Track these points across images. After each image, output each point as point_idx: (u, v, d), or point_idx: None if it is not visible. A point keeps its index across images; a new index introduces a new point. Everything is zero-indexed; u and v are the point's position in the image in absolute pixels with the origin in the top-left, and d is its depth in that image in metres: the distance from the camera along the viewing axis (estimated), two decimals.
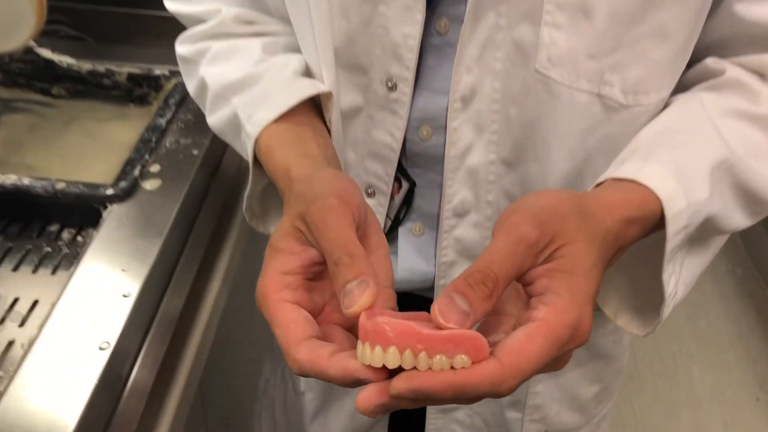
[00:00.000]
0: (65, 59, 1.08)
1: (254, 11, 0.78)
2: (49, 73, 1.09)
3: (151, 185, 0.91)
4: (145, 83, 1.09)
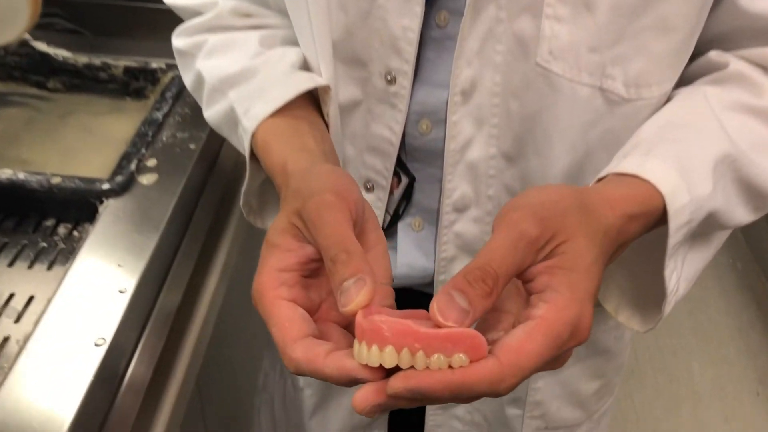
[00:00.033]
0: (61, 52, 1.08)
1: (252, 4, 0.78)
2: (44, 66, 1.08)
3: (147, 180, 0.90)
4: (141, 77, 1.08)
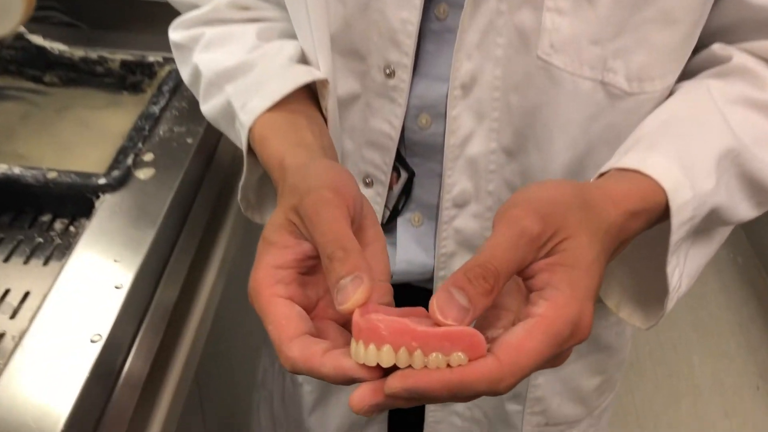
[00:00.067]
0: (57, 46, 1.07)
1: None
2: (40, 60, 1.08)
3: (144, 174, 0.90)
4: (138, 70, 1.08)
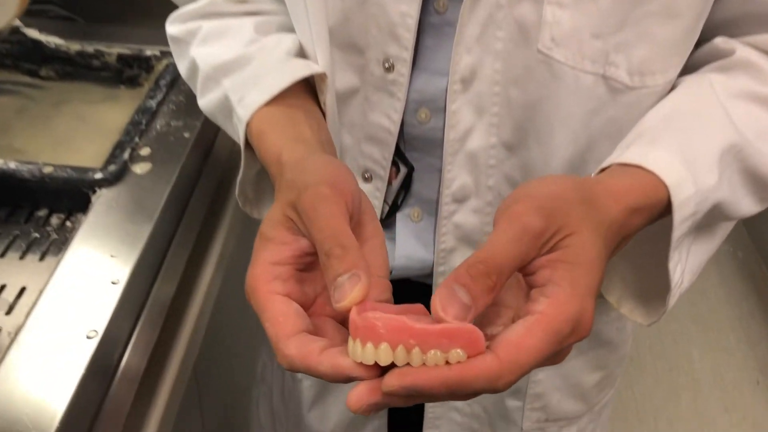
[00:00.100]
0: (53, 40, 1.06)
1: None
2: (36, 54, 1.07)
3: (141, 169, 0.89)
4: (135, 64, 1.07)
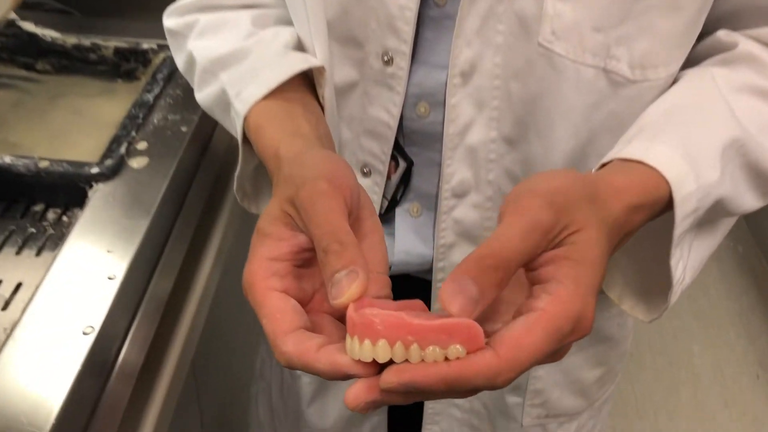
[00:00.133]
0: (49, 33, 1.06)
1: None
2: (32, 47, 1.06)
3: (138, 163, 0.89)
4: (132, 58, 1.06)
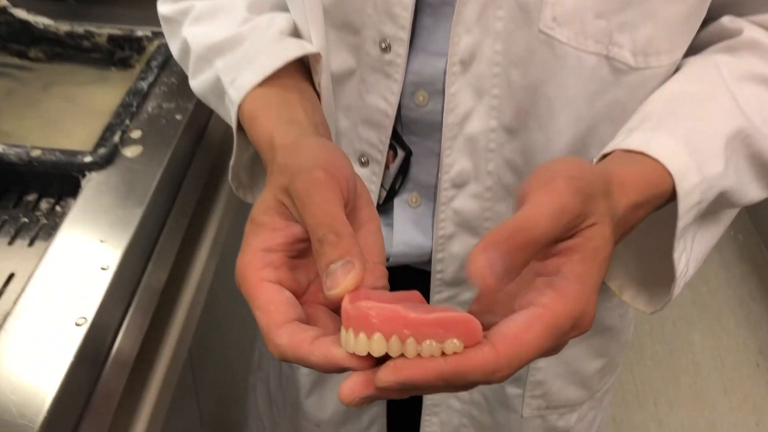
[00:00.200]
0: (42, 20, 1.04)
1: None
2: (25, 34, 1.05)
3: (132, 152, 0.87)
4: (126, 45, 1.05)
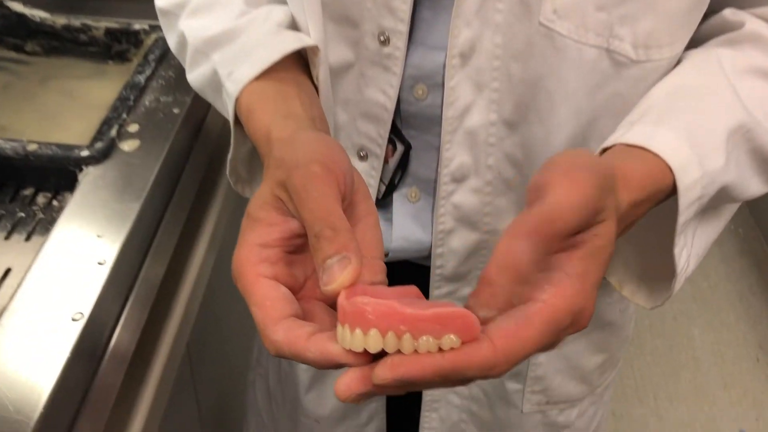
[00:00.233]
0: (38, 13, 1.04)
1: None
2: (21, 28, 1.05)
3: (129, 146, 0.87)
4: (123, 38, 1.05)
